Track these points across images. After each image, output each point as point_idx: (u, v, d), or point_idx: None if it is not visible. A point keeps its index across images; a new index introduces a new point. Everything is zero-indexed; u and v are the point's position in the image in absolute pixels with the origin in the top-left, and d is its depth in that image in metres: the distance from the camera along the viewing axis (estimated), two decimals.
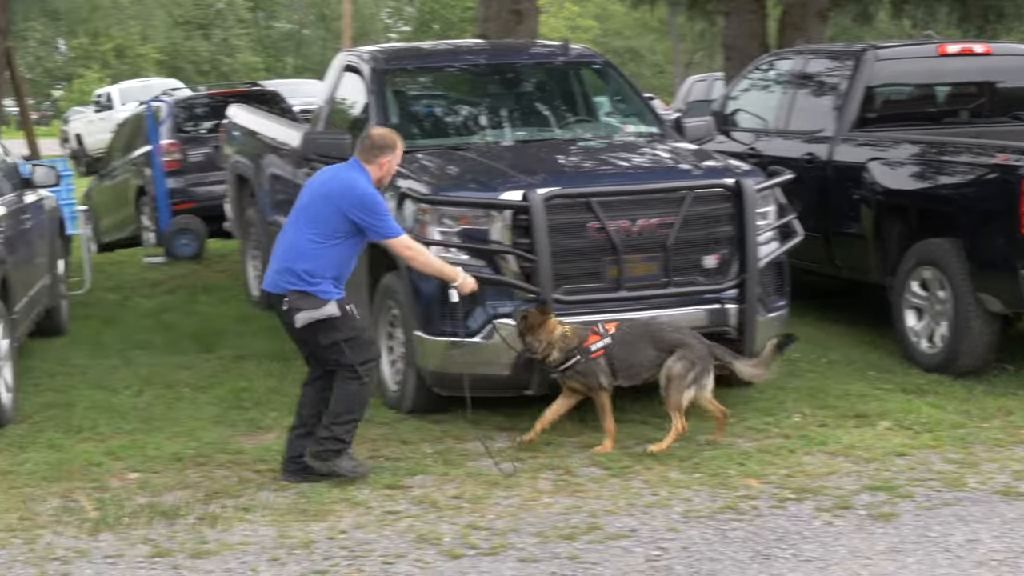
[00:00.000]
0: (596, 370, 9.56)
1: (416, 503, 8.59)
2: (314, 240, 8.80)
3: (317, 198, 8.90)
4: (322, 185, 8.97)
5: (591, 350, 9.56)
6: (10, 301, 11.03)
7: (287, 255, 8.87)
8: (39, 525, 8.38)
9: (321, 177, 9.12)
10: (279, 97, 21.44)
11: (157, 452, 9.76)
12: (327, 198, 8.85)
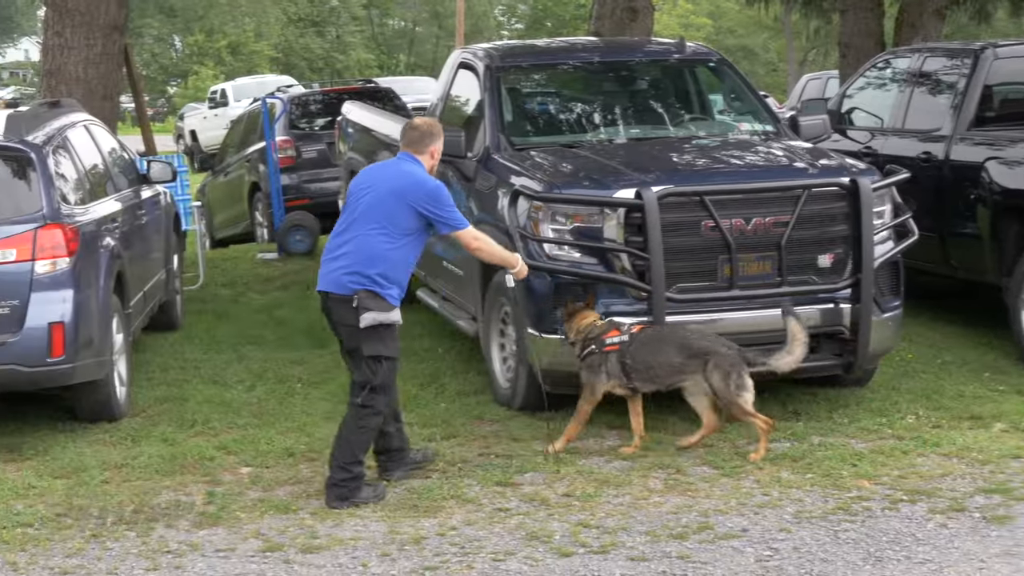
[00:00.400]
0: (602, 366, 9.51)
1: (526, 500, 8.58)
2: (386, 241, 8.63)
3: (385, 197, 8.70)
4: (388, 183, 8.77)
5: (605, 343, 9.53)
6: (125, 296, 11.13)
7: (357, 257, 8.63)
8: (152, 518, 8.47)
9: (381, 175, 8.92)
10: (393, 94, 21.51)
11: (269, 447, 9.82)
12: (398, 196, 8.68)
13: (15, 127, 10.53)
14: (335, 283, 8.72)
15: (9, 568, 7.75)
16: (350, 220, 8.80)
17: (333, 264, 8.76)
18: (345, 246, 8.74)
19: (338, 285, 8.69)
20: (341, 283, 8.68)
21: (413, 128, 9.06)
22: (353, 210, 8.81)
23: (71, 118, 11.81)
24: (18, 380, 9.92)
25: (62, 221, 10.05)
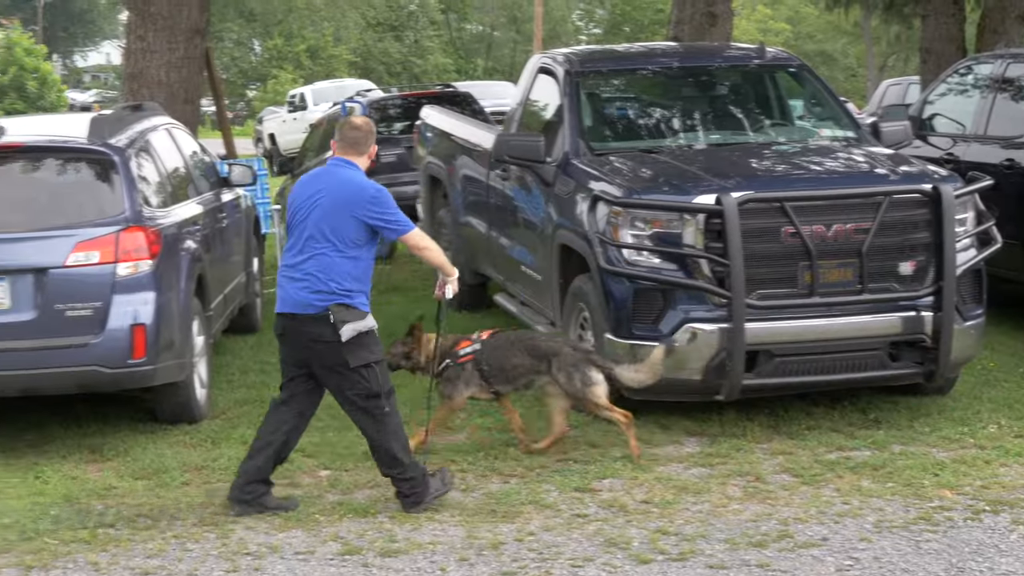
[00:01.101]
0: (456, 378, 9.73)
1: (605, 507, 8.56)
2: (340, 256, 8.48)
3: (330, 212, 8.48)
4: (331, 195, 8.53)
5: (460, 355, 9.73)
6: (206, 298, 11.20)
7: (318, 276, 8.46)
8: (231, 520, 8.51)
9: (323, 187, 8.61)
10: (471, 98, 21.52)
11: (347, 451, 9.85)
12: (342, 208, 8.48)
13: (99, 130, 10.62)
14: (300, 304, 8.54)
15: (91, 568, 7.82)
16: (302, 238, 8.58)
17: (295, 285, 8.58)
18: (303, 266, 8.54)
19: (305, 305, 8.52)
20: (308, 303, 8.50)
21: (355, 128, 8.81)
22: (302, 227, 8.59)
23: (153, 121, 11.90)
24: (100, 381, 10.00)
25: (144, 224, 10.13)
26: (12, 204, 10.17)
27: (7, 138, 10.50)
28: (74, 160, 10.41)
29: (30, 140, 10.65)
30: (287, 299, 8.62)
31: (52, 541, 8.21)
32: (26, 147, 10.50)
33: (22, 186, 10.38)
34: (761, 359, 9.78)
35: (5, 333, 9.78)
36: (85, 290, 9.83)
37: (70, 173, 10.43)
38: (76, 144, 10.49)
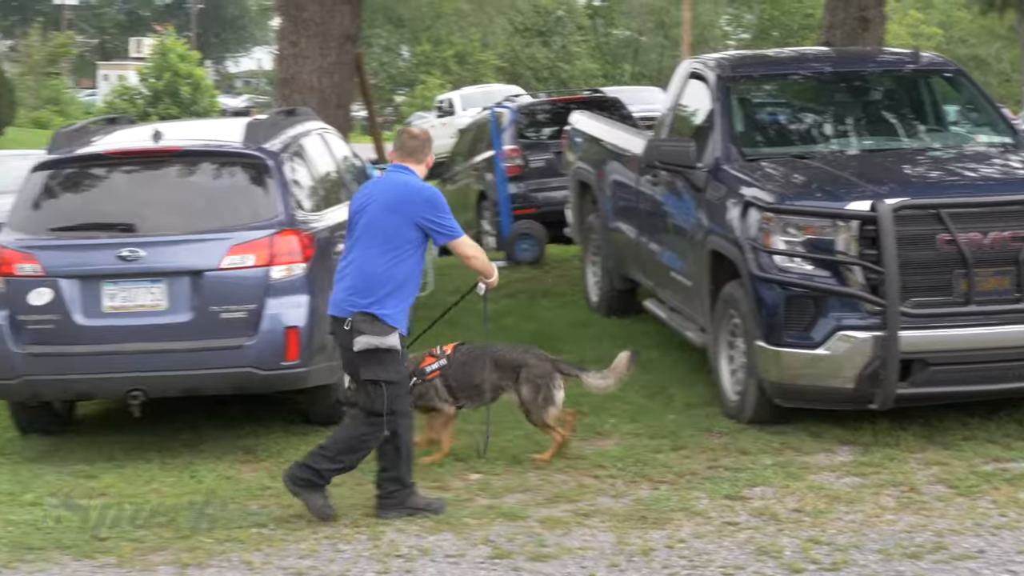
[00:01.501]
0: (430, 393, 9.77)
1: (756, 515, 8.50)
2: (385, 260, 8.55)
3: (380, 214, 8.58)
4: (382, 198, 8.66)
5: (426, 372, 9.75)
6: None
7: (356, 280, 8.57)
8: (383, 522, 8.57)
9: (375, 191, 8.79)
10: (620, 104, 21.49)
11: (497, 454, 9.87)
12: (393, 210, 8.57)
13: (253, 135, 10.75)
14: (336, 306, 8.70)
15: (245, 567, 7.92)
16: (352, 242, 8.71)
17: (337, 287, 8.73)
18: (347, 268, 8.67)
19: (339, 308, 8.67)
20: (341, 306, 8.64)
21: (413, 137, 8.93)
22: (353, 231, 8.72)
23: (306, 126, 12.03)
24: (253, 383, 10.13)
25: (298, 227, 10.24)
26: (169, 207, 10.34)
27: (164, 142, 10.67)
28: (229, 164, 10.56)
29: (187, 144, 10.82)
30: (331, 300, 8.80)
31: (207, 540, 8.33)
32: (183, 151, 10.66)
33: (179, 190, 10.55)
34: (915, 368, 9.64)
35: (163, 334, 9.96)
36: (240, 292, 9.96)
37: (225, 177, 10.58)
38: (231, 148, 10.64)
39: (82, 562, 8.10)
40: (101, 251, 10.14)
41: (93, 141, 11.13)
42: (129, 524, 8.64)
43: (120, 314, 10.07)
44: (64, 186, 10.70)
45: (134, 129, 11.92)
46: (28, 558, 8.17)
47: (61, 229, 10.38)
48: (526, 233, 18.71)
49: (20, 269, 10.13)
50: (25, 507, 9.10)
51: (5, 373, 10.13)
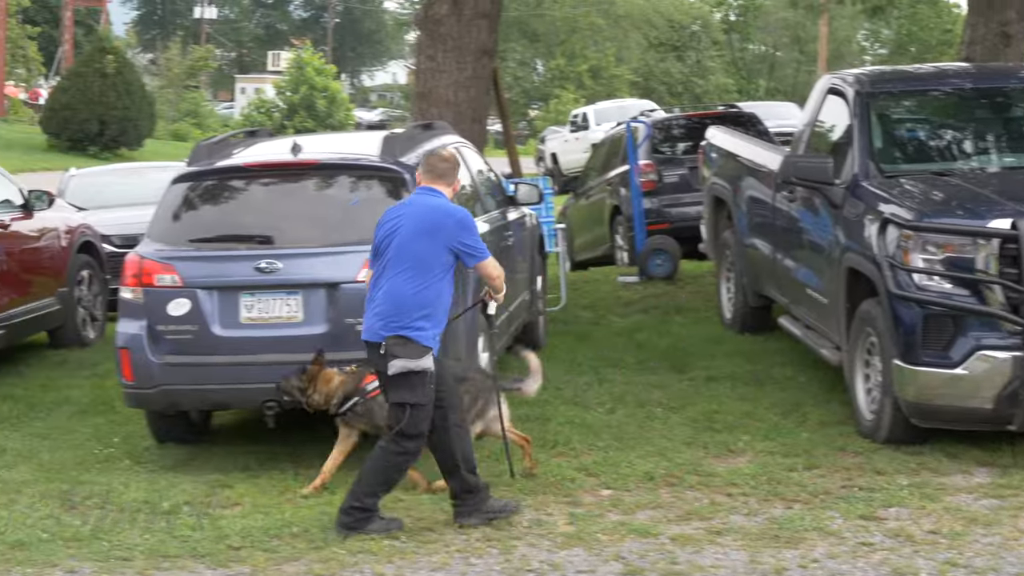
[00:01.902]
0: (376, 410, 9.54)
1: (891, 536, 8.38)
2: (415, 284, 8.54)
3: (413, 238, 8.55)
4: (414, 222, 8.61)
5: (367, 390, 9.59)
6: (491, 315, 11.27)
7: (387, 304, 8.55)
8: (514, 536, 8.56)
9: (405, 214, 8.71)
10: (756, 119, 21.36)
11: (629, 470, 9.84)
12: (426, 234, 8.56)
13: (390, 148, 10.80)
14: (370, 331, 8.69)
15: None
16: (382, 266, 8.68)
17: (369, 312, 8.72)
18: (379, 293, 8.66)
19: (372, 333, 8.67)
20: (374, 331, 8.64)
21: (444, 160, 8.94)
22: (384, 255, 8.69)
23: (443, 140, 12.07)
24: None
25: None
26: (306, 220, 10.43)
27: (303, 155, 10.76)
28: (366, 177, 10.63)
29: (324, 158, 10.90)
30: (364, 325, 8.78)
31: (340, 551, 8.37)
32: (321, 164, 10.75)
33: (316, 202, 10.64)
34: None
35: (298, 346, 10.02)
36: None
37: (362, 190, 10.65)
38: (368, 162, 10.70)
39: (217, 571, 8.18)
40: (239, 263, 10.25)
41: (233, 153, 11.26)
42: (261, 534, 8.71)
43: (257, 325, 10.17)
44: (204, 198, 10.84)
45: (273, 142, 12.05)
46: (163, 566, 8.26)
47: (200, 240, 10.51)
48: (659, 248, 18.64)
49: (160, 280, 10.26)
50: (161, 515, 9.20)
51: (143, 382, 10.28)
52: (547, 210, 17.38)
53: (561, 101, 71.60)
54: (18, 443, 11.21)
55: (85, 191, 19.52)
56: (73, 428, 11.71)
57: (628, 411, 11.56)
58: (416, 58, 16.90)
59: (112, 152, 50.21)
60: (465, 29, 16.20)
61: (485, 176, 13.12)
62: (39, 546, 8.60)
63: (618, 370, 13.11)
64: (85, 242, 15.71)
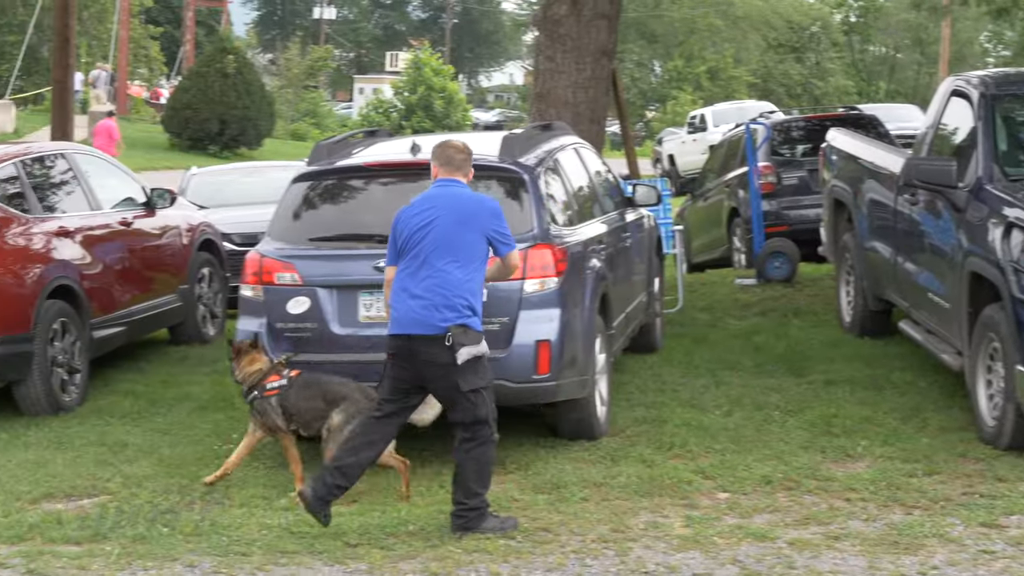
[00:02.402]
0: (269, 410, 9.74)
1: (1013, 543, 8.27)
2: (463, 273, 8.63)
3: (453, 228, 8.66)
4: (452, 213, 8.72)
5: (266, 388, 9.75)
6: (609, 317, 11.29)
7: (440, 294, 8.58)
8: (630, 538, 8.54)
9: (441, 206, 8.76)
10: (877, 121, 21.16)
11: (746, 474, 9.78)
12: (466, 224, 8.69)
13: (509, 149, 10.82)
14: (420, 323, 8.62)
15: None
16: (421, 258, 8.68)
17: (413, 303, 8.66)
18: (424, 284, 8.64)
19: (425, 326, 8.60)
20: (429, 323, 8.59)
21: (460, 151, 9.02)
22: (418, 248, 8.70)
23: (561, 141, 12.07)
24: (504, 395, 10.17)
25: (551, 242, 10.28)
26: None
27: (422, 155, 10.79)
28: (484, 178, 10.62)
29: None
30: (402, 320, 8.71)
31: (456, 549, 8.39)
32: None
33: None
34: None
35: None
36: (493, 305, 10.01)
37: (480, 190, 10.64)
38: (487, 162, 10.70)
39: (334, 567, 8.23)
40: (358, 261, 10.31)
41: (352, 153, 11.33)
42: (378, 531, 8.75)
43: (376, 324, 10.21)
44: (323, 197, 10.92)
45: (392, 142, 12.11)
46: (281, 562, 8.32)
47: (320, 239, 10.58)
48: (778, 251, 18.52)
49: (279, 278, 10.34)
50: (279, 511, 9.27)
51: None
52: (665, 212, 17.32)
53: (678, 102, 71.41)
54: (139, 438, 11.35)
55: (206, 189, 19.72)
56: (193, 424, 11.84)
57: (745, 414, 11.49)
58: (535, 59, 16.91)
59: (232, 151, 50.77)
60: (584, 30, 16.20)
61: (603, 177, 13.10)
62: (159, 540, 8.70)
63: (735, 373, 13.04)
64: (206, 240, 15.88)
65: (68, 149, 14.78)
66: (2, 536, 8.88)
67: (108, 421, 12.01)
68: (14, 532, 8.92)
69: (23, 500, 9.72)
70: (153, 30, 71.58)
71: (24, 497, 9.78)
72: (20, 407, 12.35)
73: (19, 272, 12.18)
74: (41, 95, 61.61)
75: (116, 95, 61.04)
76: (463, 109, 73.25)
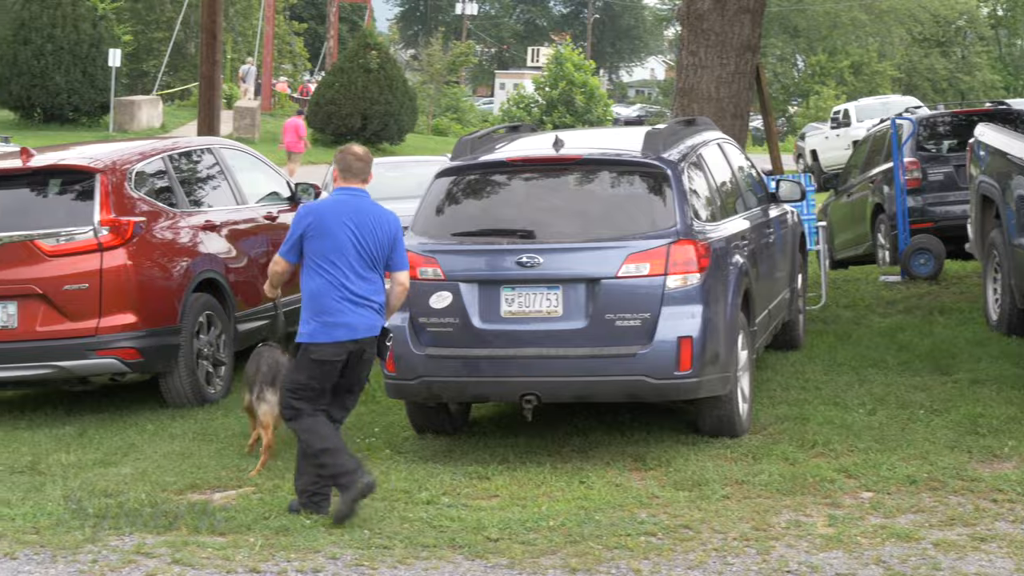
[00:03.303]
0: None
1: None
2: (378, 276, 9.21)
3: (384, 241, 9.16)
4: (382, 225, 9.16)
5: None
6: (751, 314, 11.21)
7: (381, 301, 9.21)
8: (772, 537, 8.49)
9: (369, 217, 9.15)
10: None
11: (890, 473, 9.66)
12: (391, 236, 9.20)
13: (653, 144, 10.78)
14: (372, 328, 9.17)
15: (633, 574, 7.94)
16: (365, 265, 9.11)
17: (365, 311, 9.13)
18: (371, 292, 9.17)
19: (374, 329, 9.17)
20: (376, 327, 9.19)
21: (359, 159, 9.29)
22: (362, 254, 9.10)
23: (705, 136, 12.00)
24: (645, 391, 10.17)
25: (694, 237, 10.23)
26: (567, 215, 10.47)
27: (565, 151, 10.79)
28: (628, 173, 10.62)
29: (587, 153, 10.92)
30: (356, 326, 9.13)
31: (596, 546, 8.38)
32: (583, 160, 10.77)
33: (577, 197, 10.68)
34: None
35: (557, 340, 10.08)
36: (635, 301, 10.01)
37: (623, 186, 10.65)
38: (631, 157, 10.69)
39: (474, 562, 8.25)
40: (501, 256, 10.33)
41: (495, 148, 11.36)
42: (519, 527, 8.77)
43: (517, 319, 10.24)
44: (466, 192, 10.95)
45: (535, 137, 12.12)
46: (422, 555, 8.37)
47: (462, 234, 10.62)
48: (923, 248, 18.27)
49: (422, 273, 10.39)
50: (420, 505, 9.32)
51: (405, 374, 10.42)
52: (807, 208, 17.16)
53: (821, 97, 70.76)
54: (281, 430, 11.44)
55: None
56: None
57: (889, 412, 11.35)
58: (678, 54, 16.84)
59: (374, 146, 51.11)
60: (728, 24, 16.11)
61: (746, 173, 13.01)
62: (302, 532, 8.79)
63: (879, 371, 12.86)
64: None
65: (215, 144, 14.96)
66: (149, 526, 9.02)
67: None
68: (160, 522, 9.07)
69: (169, 491, 9.87)
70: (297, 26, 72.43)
71: (170, 488, 9.94)
72: (166, 399, 12.56)
73: (166, 266, 12.39)
74: (187, 91, 62.59)
75: (260, 90, 61.74)
76: (604, 104, 73.09)
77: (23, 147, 12.93)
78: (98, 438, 11.56)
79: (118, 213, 12.14)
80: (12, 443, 11.53)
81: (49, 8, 47.47)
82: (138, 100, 52.29)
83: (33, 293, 11.97)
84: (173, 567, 8.29)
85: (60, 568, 8.36)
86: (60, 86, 47.72)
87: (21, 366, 12.07)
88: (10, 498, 9.79)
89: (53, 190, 12.49)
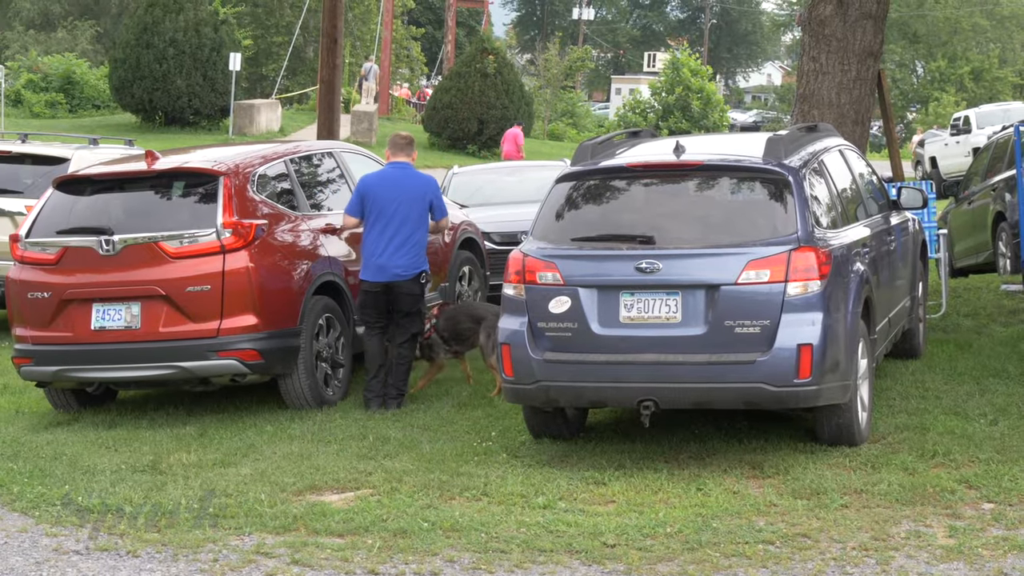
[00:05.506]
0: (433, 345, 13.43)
1: None
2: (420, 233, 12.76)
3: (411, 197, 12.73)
4: (414, 186, 12.81)
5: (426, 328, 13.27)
6: (872, 321, 11.12)
7: (409, 245, 12.65)
8: (891, 547, 8.42)
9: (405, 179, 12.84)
10: None
11: (1012, 484, 9.54)
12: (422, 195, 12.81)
13: (774, 150, 10.72)
14: (406, 268, 12.64)
15: None
16: (403, 220, 12.63)
17: (400, 257, 12.60)
18: (407, 241, 12.65)
19: (408, 269, 12.65)
20: (410, 268, 12.65)
21: (404, 139, 13.09)
22: (399, 210, 12.61)
23: (826, 143, 11.92)
24: (764, 399, 10.11)
25: (815, 244, 10.16)
26: (687, 221, 10.44)
27: (685, 157, 10.76)
28: (748, 179, 10.57)
29: (707, 159, 10.87)
30: (383, 270, 12.64)
31: (714, 553, 8.36)
32: (703, 166, 10.72)
33: (697, 204, 10.64)
34: None
35: (676, 346, 10.06)
36: (755, 308, 9.96)
37: (744, 192, 10.60)
38: (752, 164, 10.64)
39: (591, 567, 8.26)
40: (620, 262, 10.32)
41: (615, 154, 11.35)
42: (636, 532, 8.76)
43: (635, 325, 10.23)
44: (586, 197, 10.95)
45: (655, 143, 12.09)
46: (539, 559, 8.39)
47: (582, 239, 10.61)
48: None
49: (542, 277, 10.41)
50: (537, 509, 9.34)
51: (523, 378, 10.44)
52: (929, 215, 17.00)
53: (941, 104, 70.04)
54: (400, 433, 11.54)
55: (467, 188, 19.95)
56: (453, 420, 11.99)
57: (1011, 423, 11.20)
58: (799, 59, 16.73)
59: (489, 151, 51.30)
60: (850, 30, 16.00)
61: (867, 179, 12.91)
62: (420, 534, 8.84)
63: (1001, 380, 12.71)
64: (467, 239, 16.03)
65: (336, 148, 15.06)
66: (268, 526, 9.12)
67: (370, 416, 12.24)
68: (280, 523, 9.16)
69: (288, 491, 9.96)
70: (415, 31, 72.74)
71: (289, 488, 10.03)
72: (285, 400, 12.67)
73: (287, 268, 12.50)
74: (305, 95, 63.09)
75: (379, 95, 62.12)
76: (720, 110, 72.79)
77: (148, 150, 13.08)
78: (218, 438, 11.69)
79: (240, 216, 12.28)
80: (134, 442, 11.69)
81: (171, 13, 47.98)
82: (257, 104, 52.72)
83: (156, 294, 12.13)
84: (292, 567, 8.39)
85: (181, 566, 8.48)
86: (181, 90, 48.23)
87: (144, 366, 12.24)
88: (132, 496, 9.94)
89: (177, 193, 12.63)
